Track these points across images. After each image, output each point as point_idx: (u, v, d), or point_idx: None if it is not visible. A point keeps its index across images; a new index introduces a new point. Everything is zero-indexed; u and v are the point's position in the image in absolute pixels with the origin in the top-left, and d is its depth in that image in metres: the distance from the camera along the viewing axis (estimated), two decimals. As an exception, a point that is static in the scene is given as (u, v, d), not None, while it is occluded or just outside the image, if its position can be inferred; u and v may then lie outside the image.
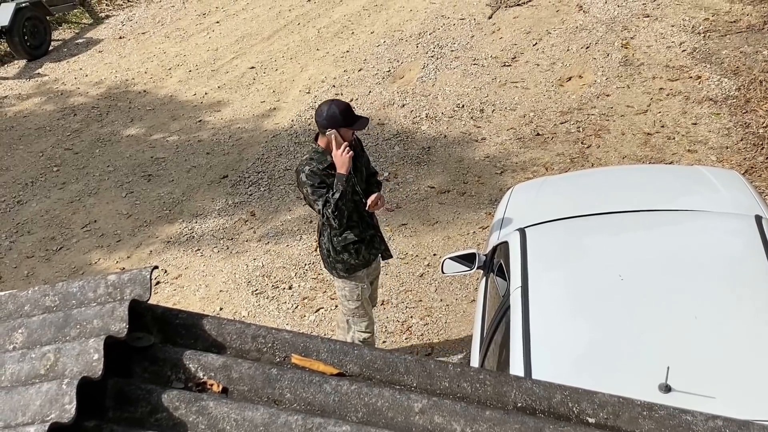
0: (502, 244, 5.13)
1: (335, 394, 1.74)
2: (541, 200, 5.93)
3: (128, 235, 8.37)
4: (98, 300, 1.86)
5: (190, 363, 1.80)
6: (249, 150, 9.52)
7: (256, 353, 1.85)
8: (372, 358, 1.83)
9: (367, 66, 10.87)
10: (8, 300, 1.93)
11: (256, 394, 1.76)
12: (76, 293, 1.89)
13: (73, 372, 1.69)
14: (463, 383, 1.77)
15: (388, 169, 8.67)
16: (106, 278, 1.89)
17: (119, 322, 1.76)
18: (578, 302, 4.48)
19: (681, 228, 5.04)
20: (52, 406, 1.59)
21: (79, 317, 1.80)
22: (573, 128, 8.98)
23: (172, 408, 1.70)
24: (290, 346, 1.84)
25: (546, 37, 10.85)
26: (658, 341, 4.11)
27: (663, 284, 4.46)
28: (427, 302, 6.94)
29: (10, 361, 1.75)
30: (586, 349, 4.18)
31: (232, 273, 7.60)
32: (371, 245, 5.55)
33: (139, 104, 11.05)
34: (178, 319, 1.89)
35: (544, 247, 4.97)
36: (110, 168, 9.60)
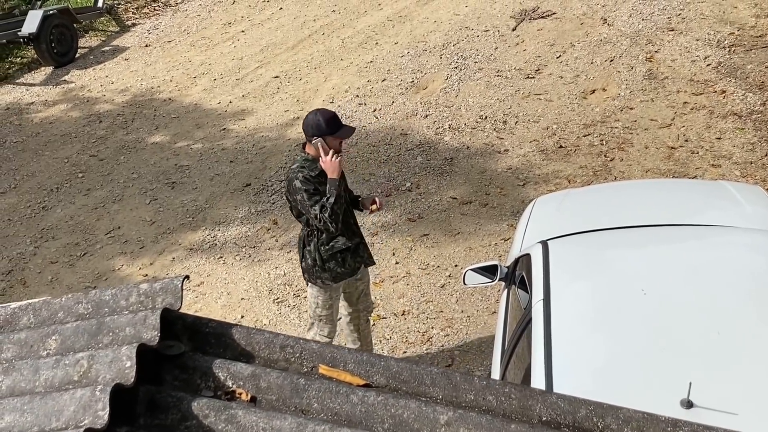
0: (525, 257, 5.12)
1: (362, 405, 1.76)
2: (564, 213, 5.92)
3: (151, 241, 8.44)
4: (130, 308, 1.89)
5: (219, 372, 1.82)
6: (272, 158, 9.58)
7: (284, 363, 1.88)
8: (398, 369, 1.85)
9: (391, 76, 10.91)
10: (42, 307, 1.97)
11: (284, 403, 1.79)
12: (109, 301, 1.93)
13: (106, 379, 1.72)
14: (488, 396, 1.79)
15: (410, 180, 8.70)
16: (138, 287, 1.92)
17: (151, 330, 1.79)
18: (601, 316, 4.46)
19: (704, 243, 5.02)
20: (85, 412, 1.62)
21: (111, 325, 1.84)
22: (596, 141, 8.97)
23: (201, 416, 1.73)
24: (318, 357, 1.87)
25: (570, 49, 10.85)
26: (680, 356, 4.09)
27: (686, 299, 4.44)
28: (448, 313, 6.95)
29: (44, 367, 1.79)
30: (608, 364, 4.17)
31: (253, 281, 7.64)
32: (356, 253, 5.58)
33: (164, 112, 11.14)
34: (208, 328, 1.92)
35: (567, 260, 4.96)
36: (134, 175, 9.68)
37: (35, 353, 1.85)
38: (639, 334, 4.33)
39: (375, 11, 13.07)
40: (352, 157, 9.27)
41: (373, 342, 6.31)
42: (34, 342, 1.86)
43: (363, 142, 9.52)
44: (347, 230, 5.47)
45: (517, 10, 12.10)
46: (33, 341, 1.86)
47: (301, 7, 13.77)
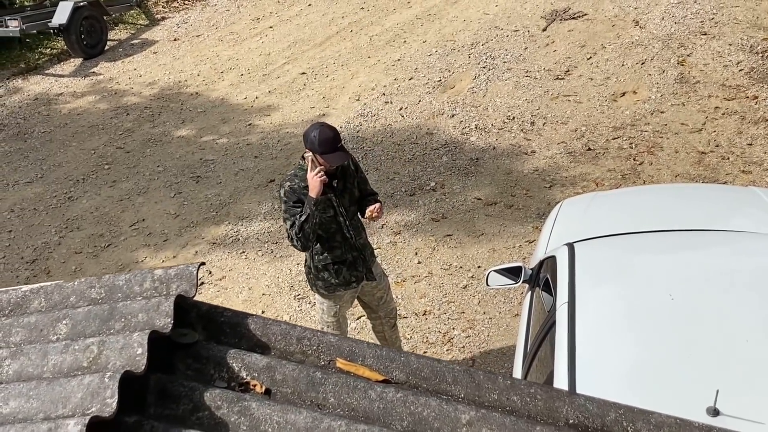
0: (550, 259, 5.03)
1: (380, 401, 1.69)
2: (591, 215, 5.83)
3: (175, 235, 8.42)
4: (144, 294, 1.84)
5: (233, 362, 1.76)
6: (297, 155, 9.53)
7: (301, 355, 1.81)
8: (419, 366, 1.78)
9: (418, 75, 10.84)
10: (54, 291, 1.91)
11: (300, 397, 1.72)
12: (122, 286, 1.87)
13: (116, 366, 1.66)
14: (513, 396, 1.71)
15: (434, 179, 8.62)
16: (152, 273, 1.86)
17: (164, 317, 1.73)
18: (626, 320, 4.38)
19: (734, 248, 4.92)
20: (93, 399, 1.56)
21: (124, 310, 1.78)
22: (625, 144, 8.85)
23: (214, 407, 1.67)
24: (336, 350, 1.80)
25: (601, 51, 10.73)
26: (707, 363, 4.00)
27: (714, 305, 4.35)
28: (470, 314, 6.86)
29: (53, 351, 1.73)
30: (633, 369, 4.08)
31: (275, 277, 7.59)
32: (353, 267, 5.40)
33: (190, 106, 11.13)
34: (223, 318, 1.86)
35: (593, 263, 4.87)
36: (160, 168, 9.67)
37: (45, 338, 1.80)
38: (666, 340, 4.24)
39: (404, 9, 13.01)
40: (377, 155, 9.20)
41: (402, 347, 6.18)
42: (44, 326, 1.81)
43: (388, 141, 9.45)
44: (344, 243, 5.30)
45: (547, 10, 11.99)
46: (43, 325, 1.81)
47: (330, 4, 13.73)
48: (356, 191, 5.32)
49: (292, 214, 4.99)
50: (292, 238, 5.02)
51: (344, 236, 5.29)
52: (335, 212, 5.19)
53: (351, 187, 5.28)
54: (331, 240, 5.30)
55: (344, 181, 5.23)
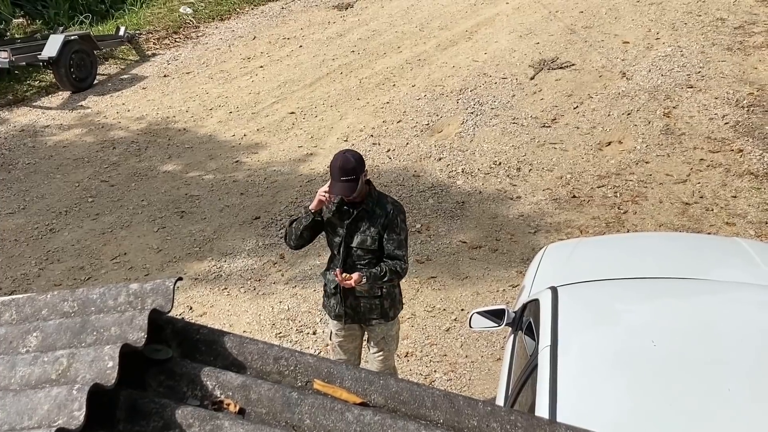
0: (533, 302, 5.01)
1: (357, 424, 1.65)
2: (575, 261, 5.82)
3: (156, 269, 8.34)
4: (118, 308, 1.79)
5: (207, 380, 1.71)
6: (283, 193, 9.52)
7: (278, 375, 1.76)
8: (398, 389, 1.74)
9: (407, 118, 10.89)
10: (26, 303, 1.87)
11: (275, 417, 1.67)
12: (96, 300, 1.83)
13: (86, 378, 1.61)
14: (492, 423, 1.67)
15: (420, 221, 8.61)
16: (127, 287, 1.82)
17: (138, 331, 1.69)
18: (609, 366, 4.35)
19: (717, 298, 4.91)
20: (60, 411, 1.51)
21: (96, 324, 1.73)
22: (610, 193, 8.88)
23: (185, 425, 1.62)
24: (313, 371, 1.75)
25: (587, 101, 10.82)
26: (689, 412, 3.97)
27: (697, 353, 4.33)
28: (452, 357, 6.81)
29: (21, 363, 1.68)
30: (615, 415, 4.04)
31: (257, 314, 7.53)
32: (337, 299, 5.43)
33: (178, 141, 11.12)
34: (198, 335, 1.81)
35: (577, 308, 4.85)
36: (144, 202, 9.62)
37: (14, 350, 1.74)
38: (648, 387, 4.21)
39: (394, 53, 13.10)
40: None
41: None
42: (13, 338, 1.76)
43: (375, 182, 9.37)
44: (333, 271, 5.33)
45: (536, 59, 12.10)
46: (13, 337, 1.76)
47: (321, 46, 13.82)
48: (371, 240, 5.24)
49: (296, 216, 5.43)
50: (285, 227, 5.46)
51: (336, 266, 5.31)
52: (340, 241, 5.25)
53: (366, 231, 5.23)
54: (329, 263, 5.44)
55: (359, 220, 5.22)
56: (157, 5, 16.88)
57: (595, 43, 12.43)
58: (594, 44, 12.37)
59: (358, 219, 5.22)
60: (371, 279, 5.20)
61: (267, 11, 16.04)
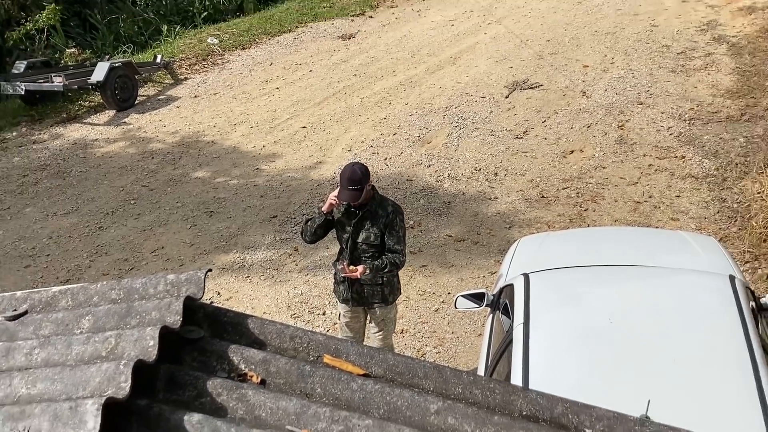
0: (508, 286, 5.04)
1: (360, 392, 1.65)
2: (544, 251, 5.84)
3: (190, 260, 8.34)
4: (158, 295, 1.80)
5: (234, 356, 1.72)
6: (296, 195, 9.52)
7: (293, 351, 1.77)
8: (395, 362, 1.74)
9: (401, 131, 10.89)
10: (79, 292, 1.87)
11: (291, 387, 1.68)
12: (139, 288, 1.83)
13: (131, 355, 1.61)
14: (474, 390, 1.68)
15: (413, 219, 8.60)
16: (165, 277, 1.83)
17: (174, 315, 1.69)
18: (572, 340, 4.38)
19: (664, 282, 4.93)
20: (109, 383, 1.52)
21: (139, 309, 1.74)
22: (573, 194, 8.89)
23: (215, 394, 1.62)
24: (323, 347, 1.76)
25: (553, 116, 10.83)
26: (641, 378, 3.99)
27: (648, 330, 4.36)
28: (441, 333, 6.82)
29: (76, 342, 1.68)
30: (578, 382, 4.06)
31: (275, 298, 7.53)
32: (345, 284, 5.43)
33: (207, 152, 11.11)
34: (226, 317, 1.81)
35: (545, 291, 4.88)
36: (179, 204, 9.61)
37: (70, 331, 1.75)
38: (606, 358, 4.24)
39: (390, 77, 13.09)
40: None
41: None
42: (69, 321, 1.76)
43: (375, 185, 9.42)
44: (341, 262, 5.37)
45: (510, 81, 12.10)
46: (69, 321, 1.76)
47: (328, 71, 13.81)
48: (374, 236, 5.27)
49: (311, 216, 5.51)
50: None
51: (344, 257, 5.36)
52: (348, 237, 5.27)
53: (369, 228, 5.26)
54: (339, 255, 5.48)
55: (363, 219, 5.26)
56: (188, 36, 16.85)
57: (560, 66, 12.42)
58: (559, 68, 12.37)
59: (363, 219, 5.24)
60: (374, 270, 5.25)
61: (282, 41, 16.01)
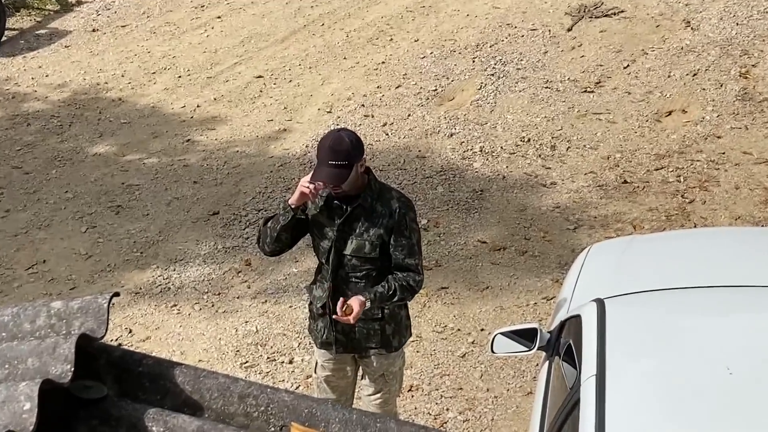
0: (573, 319, 5.06)
1: (348, 482, 1.66)
2: (627, 265, 5.86)
3: (85, 281, 8.36)
4: (37, 333, 1.80)
5: (154, 425, 1.72)
6: (248, 181, 9.54)
7: (244, 418, 1.77)
8: (401, 435, 1.75)
9: (408, 83, 10.91)
10: None
11: (241, 474, 1.69)
12: (8, 323, 1.83)
13: (-5, 426, 1.62)
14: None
15: (427, 216, 8.62)
16: (48, 305, 1.83)
17: (62, 363, 1.69)
18: (672, 401, 4.38)
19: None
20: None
21: (9, 354, 1.74)
22: (671, 177, 8.92)
23: (125, 487, 1.63)
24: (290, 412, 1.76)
25: (641, 58, 10.85)
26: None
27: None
28: (469, 391, 6.85)
29: None
30: (680, 464, 4.08)
31: (216, 338, 7.55)
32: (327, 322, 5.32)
33: (111, 115, 11.12)
34: (141, 366, 1.82)
35: (629, 325, 4.90)
36: (69, 194, 9.63)
37: None
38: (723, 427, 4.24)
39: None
40: (353, 183, 9.20)
41: None
42: None
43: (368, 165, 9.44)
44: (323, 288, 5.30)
45: (574, 5, 12.13)
46: None
47: (296, -9, 13.84)
48: (370, 246, 5.17)
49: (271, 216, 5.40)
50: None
51: (325, 279, 5.26)
52: (329, 246, 5.17)
53: (363, 234, 5.15)
54: (317, 275, 5.41)
55: (354, 220, 5.14)
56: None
57: (651, -18, 12.46)
58: (649, -16, 12.41)
59: (353, 219, 5.13)
60: (377, 300, 5.09)
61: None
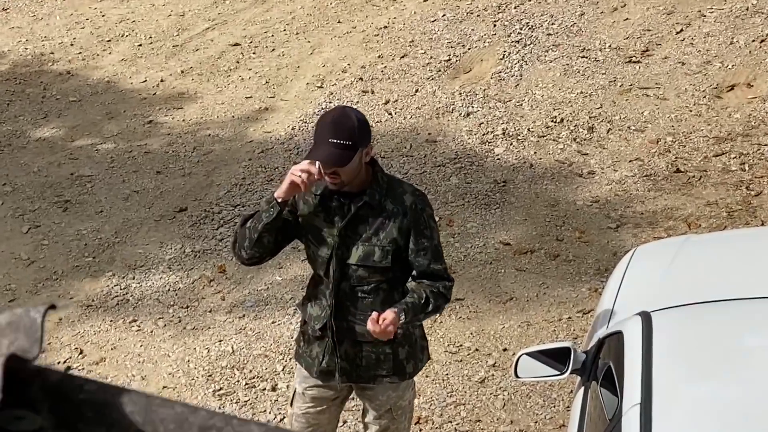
0: (614, 336, 5.07)
1: None
2: (679, 271, 5.87)
3: (27, 291, 8.37)
4: (-44, 353, 1.79)
5: (96, 465, 1.72)
6: (223, 170, 9.56)
7: (208, 456, 1.77)
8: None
9: (415, 51, 10.94)
10: None
11: None
12: (-77, 341, 1.83)
13: None
14: None
15: (439, 212, 8.61)
16: (-28, 320, 1.83)
17: (-13, 390, 1.69)
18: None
19: None
20: None
21: (-77, 378, 1.74)
22: (734, 164, 8.94)
23: None
24: (262, 448, 1.76)
25: (697, 21, 10.86)
26: None
27: None
28: (489, 424, 6.86)
29: None
30: None
31: (184, 360, 7.56)
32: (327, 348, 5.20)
33: (58, 92, 11.15)
34: (83, 393, 1.81)
35: (681, 344, 4.91)
36: (7, 188, 9.65)
37: None
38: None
39: (395, -49, 13.15)
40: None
41: None
42: None
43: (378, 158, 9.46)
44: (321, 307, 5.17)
45: (616, -43, 12.14)
46: None
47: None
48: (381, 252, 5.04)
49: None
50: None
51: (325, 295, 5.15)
52: (330, 253, 5.06)
53: (372, 237, 5.03)
54: (312, 288, 5.29)
55: (359, 221, 5.03)
56: None
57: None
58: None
59: (359, 220, 5.03)
60: (410, 313, 4.90)
61: None
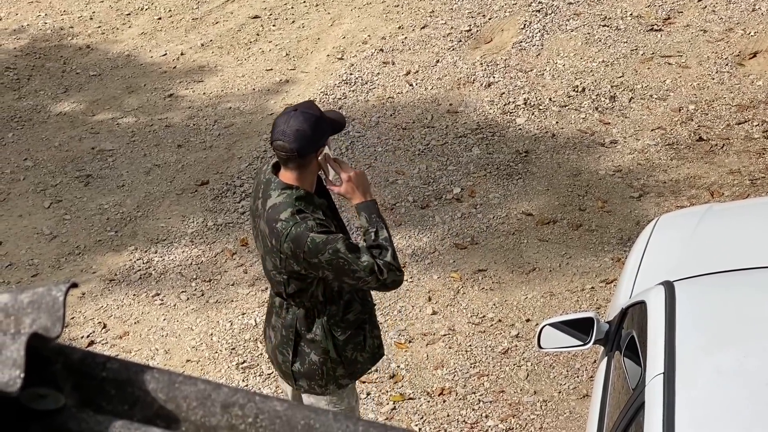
0: (637, 306, 5.07)
1: None
2: (702, 240, 5.87)
3: (50, 266, 8.40)
4: (-21, 332, 1.81)
5: (120, 442, 1.73)
6: (244, 143, 9.56)
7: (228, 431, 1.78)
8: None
9: (436, 21, 10.91)
10: None
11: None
12: (-54, 320, 1.84)
13: (-69, 443, 1.63)
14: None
15: (460, 183, 8.63)
16: (-6, 299, 1.84)
17: (10, 369, 1.70)
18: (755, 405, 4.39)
19: None
20: None
21: (-54, 357, 1.75)
22: (757, 132, 8.91)
23: None
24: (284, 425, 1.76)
25: (720, -13, 10.80)
26: None
27: None
28: (513, 394, 6.87)
29: None
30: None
31: (207, 333, 7.58)
32: (374, 322, 5.34)
33: (78, 66, 11.15)
34: (105, 371, 1.82)
35: (705, 313, 4.91)
36: (29, 162, 9.67)
37: None
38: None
39: None
40: (371, 144, 9.21)
41: None
42: None
43: (388, 122, 9.47)
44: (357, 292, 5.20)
45: None
46: None
47: None
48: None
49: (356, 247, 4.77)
50: (391, 268, 4.75)
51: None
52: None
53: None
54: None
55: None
56: None
57: None
58: None
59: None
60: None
61: None
